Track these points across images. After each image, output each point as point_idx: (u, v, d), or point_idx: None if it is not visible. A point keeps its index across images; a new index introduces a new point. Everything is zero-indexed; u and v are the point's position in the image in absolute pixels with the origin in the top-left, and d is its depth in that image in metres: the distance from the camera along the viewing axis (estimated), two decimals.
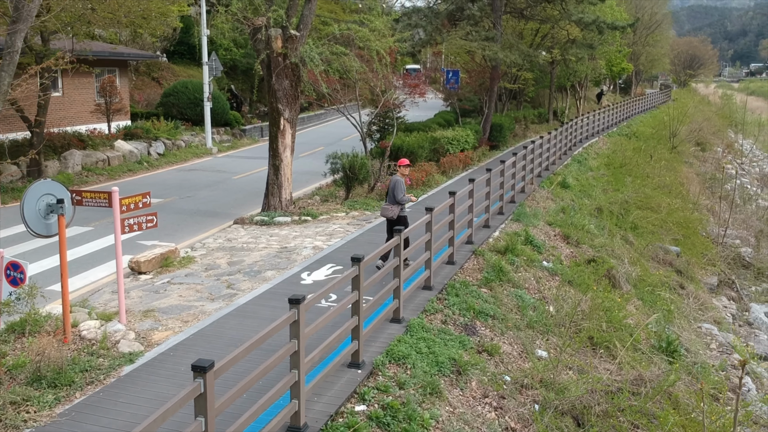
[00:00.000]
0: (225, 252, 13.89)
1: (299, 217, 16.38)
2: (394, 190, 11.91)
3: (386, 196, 12.30)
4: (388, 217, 12.05)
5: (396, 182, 11.98)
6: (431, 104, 40.73)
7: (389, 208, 11.98)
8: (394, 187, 11.94)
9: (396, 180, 12.03)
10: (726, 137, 59.29)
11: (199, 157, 28.38)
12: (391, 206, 12.00)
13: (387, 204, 12.09)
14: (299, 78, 16.07)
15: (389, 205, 12.03)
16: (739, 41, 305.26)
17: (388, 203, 12.07)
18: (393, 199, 11.98)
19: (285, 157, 16.62)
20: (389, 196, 12.09)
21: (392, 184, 12.01)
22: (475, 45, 25.50)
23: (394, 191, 11.91)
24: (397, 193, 11.90)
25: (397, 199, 11.93)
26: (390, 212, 11.97)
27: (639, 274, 16.16)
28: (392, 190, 11.95)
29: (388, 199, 12.12)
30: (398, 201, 11.95)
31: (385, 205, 12.11)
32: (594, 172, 25.99)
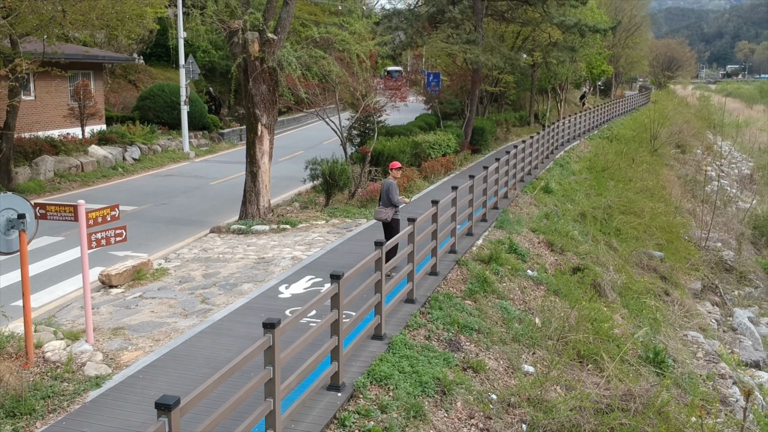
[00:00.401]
0: (200, 263, 13.42)
1: (278, 226, 15.94)
2: (389, 193, 12.04)
3: (379, 200, 12.41)
4: (382, 220, 12.16)
5: (390, 185, 12.13)
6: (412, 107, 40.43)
7: (383, 211, 12.10)
8: (388, 190, 12.07)
9: (390, 182, 12.18)
10: (705, 139, 59.60)
11: (176, 161, 27.81)
12: (385, 209, 12.11)
13: (381, 207, 12.19)
14: (277, 82, 15.64)
15: (383, 207, 12.14)
16: (716, 43, 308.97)
17: (381, 206, 12.17)
18: (387, 202, 12.08)
19: (263, 164, 16.17)
20: (382, 198, 12.17)
21: (386, 186, 12.13)
22: (456, 48, 25.20)
23: (389, 193, 12.04)
24: (392, 195, 12.04)
25: (393, 201, 12.05)
26: (384, 215, 12.08)
27: (624, 281, 15.91)
28: (386, 192, 12.07)
29: (382, 201, 12.19)
30: (394, 203, 12.07)
31: (379, 208, 12.20)
32: (576, 176, 25.80)
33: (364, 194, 18.46)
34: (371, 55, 18.52)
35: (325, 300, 7.63)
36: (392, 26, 26.79)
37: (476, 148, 28.89)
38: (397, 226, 12.15)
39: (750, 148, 60.36)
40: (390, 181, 12.27)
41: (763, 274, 25.91)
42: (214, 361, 8.50)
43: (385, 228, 12.26)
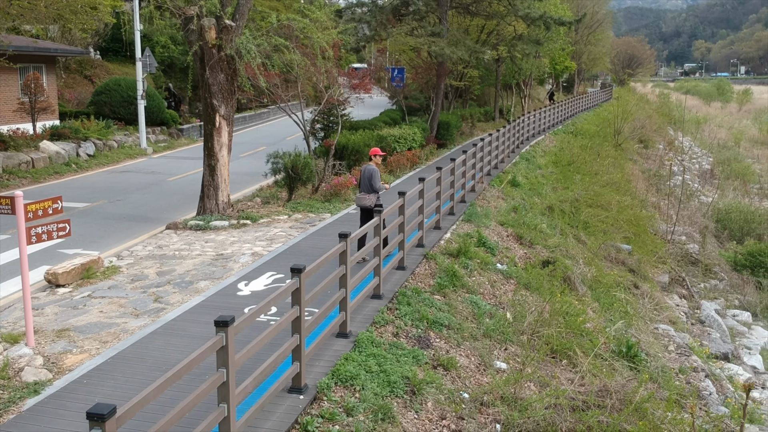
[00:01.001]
0: (154, 261, 12.70)
1: (238, 221, 15.27)
2: (371, 179, 12.06)
3: (359, 186, 12.44)
4: (364, 206, 12.10)
5: (372, 171, 12.15)
6: (377, 103, 39.90)
7: (366, 197, 12.08)
8: (371, 176, 12.08)
9: (372, 169, 12.19)
10: (667, 134, 60.33)
11: (132, 158, 26.86)
12: (368, 195, 12.10)
13: (362, 194, 12.16)
14: (236, 71, 14.97)
15: (365, 194, 12.12)
16: (674, 42, 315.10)
17: (363, 192, 12.15)
18: (370, 188, 12.09)
19: (221, 157, 15.49)
20: (364, 185, 12.18)
21: (368, 173, 12.13)
22: (421, 41, 24.75)
23: (371, 180, 12.06)
24: (374, 181, 12.07)
25: (375, 187, 12.07)
26: (367, 201, 12.06)
27: (594, 274, 15.62)
28: (368, 179, 12.08)
29: (363, 188, 12.18)
30: (376, 189, 12.10)
31: (361, 195, 12.17)
32: (543, 170, 25.56)
33: (328, 188, 17.89)
34: (334, 45, 17.94)
35: (286, 296, 7.07)
36: (355, 18, 26.21)
37: (442, 142, 28.50)
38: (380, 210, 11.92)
39: (710, 144, 61.26)
40: (372, 167, 12.22)
41: (727, 266, 26.03)
42: (166, 364, 7.87)
43: (367, 215, 12.10)
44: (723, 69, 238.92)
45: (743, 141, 63.36)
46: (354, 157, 20.55)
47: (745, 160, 53.16)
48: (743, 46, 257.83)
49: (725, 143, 61.72)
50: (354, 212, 16.43)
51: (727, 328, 19.55)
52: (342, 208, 16.91)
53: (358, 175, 19.18)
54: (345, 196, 17.72)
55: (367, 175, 12.15)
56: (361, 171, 12.49)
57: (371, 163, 12.42)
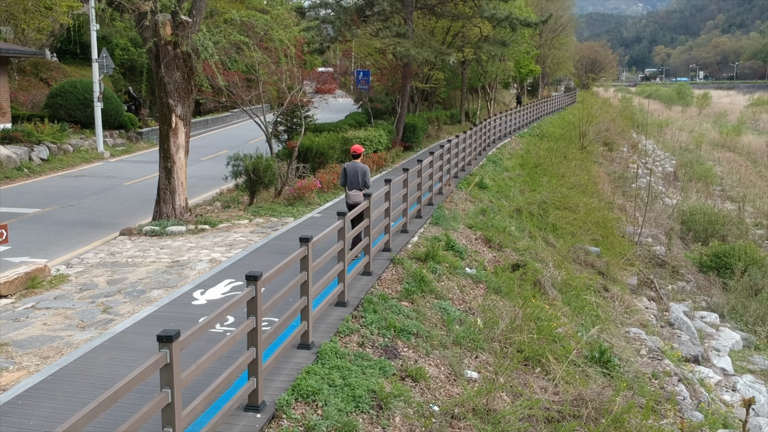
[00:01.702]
0: (106, 269, 11.99)
1: (196, 226, 14.60)
2: (366, 176, 12.11)
3: (347, 184, 12.27)
4: (357, 203, 11.80)
5: (365, 168, 12.21)
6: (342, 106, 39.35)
7: (360, 194, 11.99)
8: (364, 173, 12.11)
9: (364, 166, 12.24)
10: (630, 137, 60.86)
11: (88, 162, 25.91)
12: (361, 192, 12.06)
13: (355, 191, 12.11)
14: (192, 70, 14.32)
15: (357, 191, 12.09)
16: (634, 47, 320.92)
17: (356, 190, 12.10)
18: (362, 185, 12.10)
19: (178, 159, 14.81)
20: (356, 182, 12.11)
21: (361, 170, 12.12)
22: (386, 41, 24.33)
23: (365, 177, 12.10)
24: (368, 178, 12.17)
25: (368, 183, 12.14)
26: (361, 197, 11.92)
27: (564, 277, 15.28)
28: (363, 175, 12.10)
29: (355, 186, 12.12)
30: (369, 185, 12.16)
31: (354, 192, 12.10)
32: (510, 173, 25.30)
33: (292, 192, 17.30)
34: (297, 44, 17.38)
35: (241, 305, 6.50)
36: (319, 18, 25.68)
37: (408, 145, 28.09)
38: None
39: (672, 147, 61.98)
40: (363, 164, 12.27)
41: (693, 268, 26.06)
42: (111, 381, 7.21)
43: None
44: (682, 74, 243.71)
45: (704, 144, 64.28)
46: (318, 160, 20.00)
47: (706, 162, 53.82)
48: (702, 51, 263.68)
49: (687, 146, 62.52)
50: (318, 216, 15.89)
51: (696, 330, 19.44)
52: (306, 212, 16.34)
53: (323, 177, 18.69)
54: (309, 200, 17.16)
55: (361, 171, 12.10)
56: (346, 169, 12.28)
57: (358, 161, 12.34)
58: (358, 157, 12.42)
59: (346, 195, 12.38)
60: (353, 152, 12.51)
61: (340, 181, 12.71)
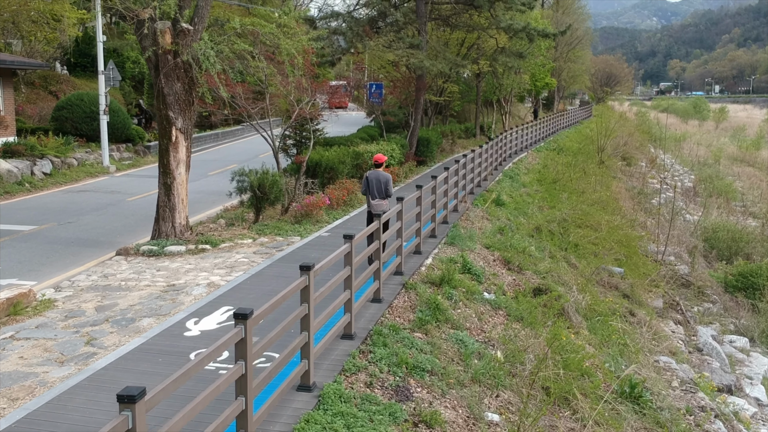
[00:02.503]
0: (96, 293, 11.15)
1: (196, 246, 13.75)
2: (388, 185, 12.23)
3: (369, 193, 12.34)
4: (381, 212, 11.81)
5: (388, 177, 12.32)
6: (354, 119, 38.59)
7: (384, 203, 12.21)
8: (387, 182, 12.22)
9: (387, 175, 12.35)
10: (648, 152, 59.78)
11: (93, 176, 25.24)
12: (384, 201, 12.24)
13: (378, 200, 12.23)
14: (193, 80, 13.53)
15: (380, 200, 12.22)
16: (649, 61, 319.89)
17: (379, 199, 12.22)
18: (385, 194, 12.24)
19: (178, 174, 14.00)
20: (379, 191, 12.20)
21: (384, 179, 12.23)
22: (399, 53, 23.51)
23: (387, 186, 12.22)
24: (390, 187, 12.30)
25: (390, 192, 12.27)
26: (384, 206, 12.14)
27: (589, 302, 14.28)
28: (386, 184, 12.21)
29: (378, 194, 12.21)
30: (390, 195, 12.32)
31: (378, 201, 12.21)
32: (527, 188, 24.34)
33: (299, 209, 16.44)
34: (305, 54, 16.59)
35: (226, 348, 5.60)
36: (330, 29, 24.94)
37: (422, 159, 27.22)
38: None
39: (690, 161, 60.88)
40: (385, 173, 12.35)
41: (719, 288, 25.00)
42: (84, 430, 6.36)
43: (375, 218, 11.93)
44: (698, 88, 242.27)
45: (722, 158, 63.15)
46: (328, 175, 19.15)
47: (726, 177, 52.68)
48: (717, 65, 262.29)
49: (705, 160, 61.43)
50: (326, 235, 15.02)
51: (726, 355, 18.39)
52: (313, 231, 15.47)
53: (332, 193, 17.81)
54: (317, 217, 16.29)
55: (383, 180, 12.20)
56: (368, 177, 12.36)
57: (380, 170, 12.43)
58: (380, 166, 12.48)
59: (369, 204, 12.42)
60: (375, 161, 12.56)
61: (362, 190, 12.66)
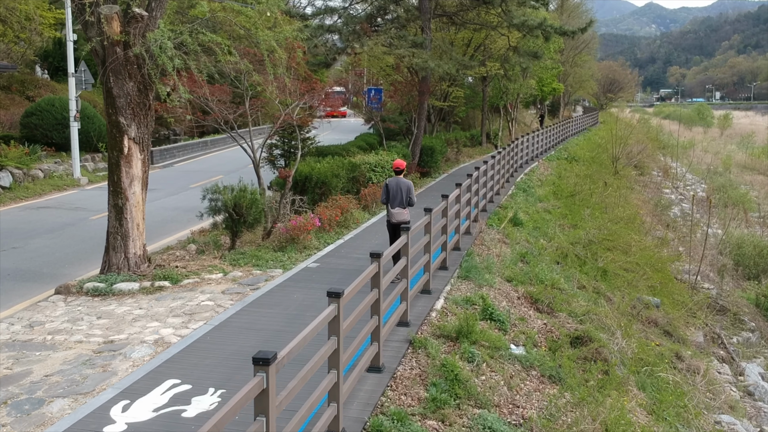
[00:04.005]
0: (11, 352, 8.54)
1: (152, 284, 11.15)
2: (410, 193, 11.73)
3: (388, 201, 11.76)
4: (402, 221, 11.55)
5: (409, 184, 11.84)
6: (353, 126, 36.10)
7: (405, 212, 11.69)
8: (408, 190, 11.73)
9: (409, 182, 11.86)
10: (658, 160, 57.51)
11: (61, 189, 22.66)
12: (405, 210, 11.71)
13: (399, 208, 11.68)
14: (150, 78, 10.97)
15: (401, 209, 11.69)
16: (649, 68, 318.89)
17: (399, 207, 11.69)
18: (407, 202, 11.72)
19: (132, 194, 11.43)
20: (400, 199, 11.67)
21: (405, 186, 11.73)
22: (401, 52, 20.97)
23: (410, 193, 11.72)
24: (413, 195, 11.78)
25: (412, 201, 11.76)
26: (406, 216, 11.67)
27: (635, 350, 11.69)
28: (408, 192, 11.72)
29: (396, 203, 11.68)
30: (413, 203, 11.80)
31: (398, 210, 11.67)
32: (544, 203, 21.78)
33: (284, 231, 13.86)
34: (291, 49, 14.07)
35: None
36: (324, 27, 22.44)
37: (425, 170, 24.67)
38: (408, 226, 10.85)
39: (701, 170, 58.71)
40: (407, 180, 11.83)
41: (753, 311, 22.54)
42: None
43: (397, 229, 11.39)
44: (698, 94, 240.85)
45: (732, 166, 61.04)
46: (319, 191, 16.58)
47: (739, 186, 50.44)
48: (717, 72, 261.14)
49: (715, 169, 59.30)
50: (314, 267, 12.44)
51: None
52: (299, 260, 12.88)
53: (324, 213, 15.25)
54: (304, 243, 13.71)
55: (405, 188, 11.68)
56: (388, 185, 11.74)
57: (401, 176, 11.88)
58: (401, 173, 11.94)
59: (388, 213, 11.80)
60: (396, 167, 12.00)
61: (382, 198, 12.02)
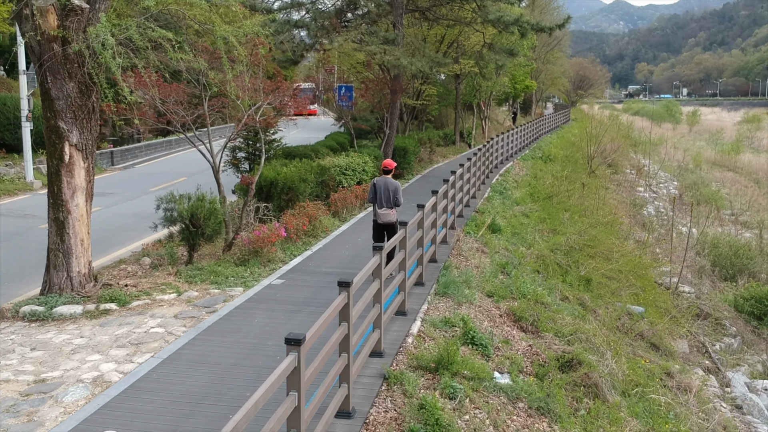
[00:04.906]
0: None
1: (97, 306, 10.02)
2: (397, 193, 11.75)
3: (374, 201, 11.81)
4: (389, 222, 11.65)
5: (397, 184, 11.84)
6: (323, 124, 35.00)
7: (391, 213, 11.70)
8: (396, 190, 11.75)
9: (396, 182, 11.86)
10: (630, 158, 57.37)
11: (11, 194, 21.27)
12: (392, 210, 11.73)
13: (386, 209, 11.70)
14: (92, 77, 9.84)
15: (388, 209, 11.69)
16: (617, 65, 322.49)
17: (385, 208, 11.70)
18: (394, 202, 11.73)
19: (75, 207, 10.29)
20: (387, 199, 11.68)
21: (393, 186, 11.74)
22: (372, 48, 19.97)
23: (397, 194, 11.75)
24: (399, 195, 11.80)
25: (399, 202, 11.77)
26: (392, 216, 11.66)
27: (626, 371, 10.87)
28: (395, 192, 11.73)
29: (385, 203, 11.68)
30: (400, 203, 11.79)
31: (385, 210, 11.69)
32: (521, 206, 20.96)
33: (247, 243, 12.80)
34: (251, 45, 13.00)
35: None
36: (291, 22, 21.35)
37: (398, 172, 23.69)
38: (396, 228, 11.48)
39: (672, 167, 58.78)
40: (394, 181, 11.83)
41: (733, 315, 22.05)
42: None
43: (389, 231, 11.70)
44: (666, 91, 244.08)
45: (703, 163, 61.27)
46: (286, 197, 15.53)
47: (710, 184, 50.49)
48: (684, 68, 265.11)
49: (686, 166, 59.45)
50: (278, 284, 11.41)
51: (767, 409, 15.31)
52: (262, 276, 11.84)
53: (290, 222, 14.22)
54: (268, 255, 12.66)
55: (392, 188, 11.68)
56: (376, 184, 11.74)
57: (389, 176, 11.88)
58: (389, 173, 11.96)
59: (375, 213, 11.76)
60: (384, 167, 12.06)
61: (369, 197, 12.04)
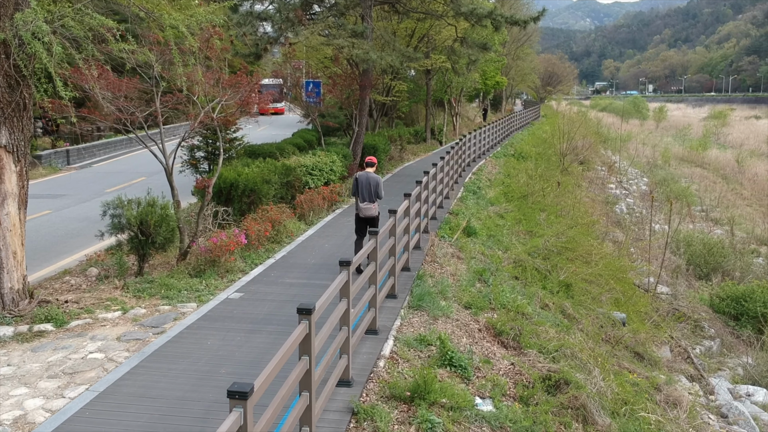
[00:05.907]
0: None
1: (30, 328, 8.91)
2: (378, 188, 11.78)
3: (357, 195, 11.86)
4: (370, 216, 11.73)
5: (378, 179, 11.83)
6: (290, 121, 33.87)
7: (372, 207, 11.74)
8: (377, 185, 11.79)
9: (377, 177, 11.83)
10: (600, 154, 57.26)
11: None
12: (373, 204, 11.76)
13: (367, 203, 11.74)
14: (20, 71, 8.73)
15: (369, 203, 11.73)
16: (584, 61, 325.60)
17: (367, 202, 11.75)
18: (374, 196, 11.77)
19: (5, 216, 9.17)
20: (368, 194, 11.73)
21: (374, 181, 11.77)
22: (340, 42, 18.99)
23: (378, 188, 11.78)
24: (380, 190, 11.83)
25: (380, 195, 11.81)
26: (373, 211, 11.72)
27: (614, 389, 10.09)
28: (376, 187, 11.77)
29: (366, 197, 11.74)
30: (381, 197, 11.83)
31: (366, 205, 11.73)
32: (496, 206, 20.17)
33: (204, 251, 11.75)
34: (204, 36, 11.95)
35: None
36: (254, 14, 20.25)
37: None
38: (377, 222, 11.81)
39: (641, 164, 58.89)
40: (376, 176, 11.83)
41: (711, 314, 21.59)
42: None
43: (371, 224, 11.70)
44: (632, 87, 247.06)
45: (671, 159, 61.54)
46: (248, 199, 14.49)
47: (680, 180, 50.57)
48: (650, 65, 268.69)
49: (655, 162, 59.63)
50: (236, 298, 10.40)
51: (752, 416, 14.74)
52: (219, 288, 10.81)
53: (251, 227, 13.20)
54: (227, 265, 11.62)
55: (374, 183, 11.74)
56: (358, 179, 11.78)
57: (371, 170, 11.99)
58: (372, 167, 12.06)
59: (357, 207, 11.84)
60: (368, 162, 12.16)
61: (351, 191, 12.31)
